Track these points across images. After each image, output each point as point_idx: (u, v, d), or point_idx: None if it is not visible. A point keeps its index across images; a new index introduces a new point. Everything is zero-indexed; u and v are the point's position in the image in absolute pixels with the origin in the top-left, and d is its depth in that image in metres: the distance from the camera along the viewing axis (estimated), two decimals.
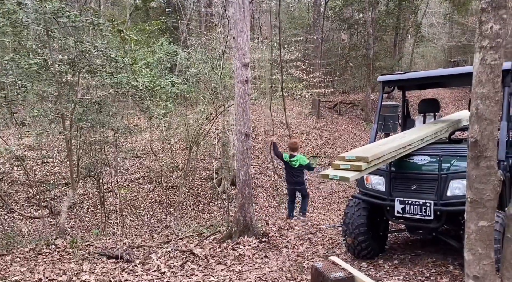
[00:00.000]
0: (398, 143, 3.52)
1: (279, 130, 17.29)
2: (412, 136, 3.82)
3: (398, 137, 3.94)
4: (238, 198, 5.05)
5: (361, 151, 3.35)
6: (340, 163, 3.18)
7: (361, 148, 3.53)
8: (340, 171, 3.11)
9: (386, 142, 3.75)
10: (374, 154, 3.13)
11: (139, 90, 6.21)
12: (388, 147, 3.37)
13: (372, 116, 21.99)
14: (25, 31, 6.47)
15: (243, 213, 4.99)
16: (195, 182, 13.98)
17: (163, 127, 8.92)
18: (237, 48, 4.93)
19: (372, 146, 3.60)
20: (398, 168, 3.79)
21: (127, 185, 14.06)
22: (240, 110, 4.99)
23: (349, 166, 3.08)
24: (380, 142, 3.79)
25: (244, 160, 4.99)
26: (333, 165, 3.24)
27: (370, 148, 3.41)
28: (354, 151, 3.40)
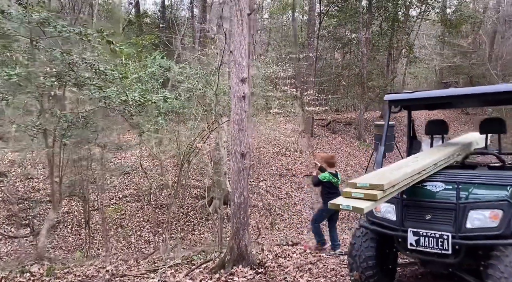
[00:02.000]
0: (412, 169, 3.20)
1: (272, 148, 16.98)
2: (425, 160, 3.51)
3: (410, 161, 3.62)
4: (232, 224, 4.65)
5: (374, 177, 3.02)
6: (352, 191, 2.84)
7: (373, 174, 3.20)
8: (352, 200, 2.77)
9: (398, 167, 3.42)
10: (389, 181, 2.80)
11: (128, 105, 5.87)
12: (403, 173, 3.04)
13: (365, 135, 21.85)
14: (15, 44, 6.13)
15: (237, 240, 4.59)
16: (185, 200, 13.49)
17: (153, 143, 8.54)
18: (234, 62, 4.63)
19: (384, 171, 3.27)
20: (410, 195, 3.45)
21: (115, 203, 13.51)
22: (236, 127, 4.64)
23: (362, 195, 2.74)
24: (392, 167, 3.46)
25: (239, 182, 4.62)
26: (344, 193, 2.89)
27: (382, 174, 3.08)
28: (366, 178, 3.06)
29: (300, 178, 15.03)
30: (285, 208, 13.10)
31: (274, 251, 5.54)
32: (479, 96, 3.87)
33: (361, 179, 2.95)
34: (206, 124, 8.52)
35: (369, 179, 2.95)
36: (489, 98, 4.01)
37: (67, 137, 5.72)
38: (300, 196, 13.99)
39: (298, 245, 6.20)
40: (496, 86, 3.85)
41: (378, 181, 2.80)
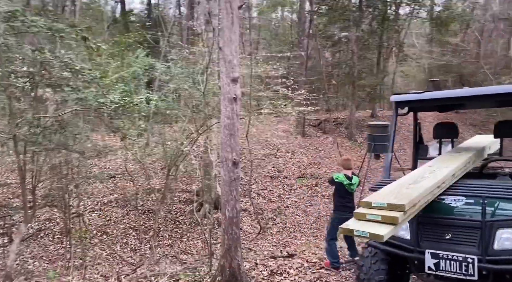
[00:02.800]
0: (433, 182, 2.78)
1: (263, 149, 16.53)
2: (442, 170, 3.09)
3: (425, 172, 3.19)
4: (223, 240, 4.18)
5: (389, 195, 2.59)
6: (366, 212, 2.40)
7: (388, 190, 2.77)
8: (368, 224, 2.33)
9: (413, 179, 2.99)
10: (410, 200, 2.38)
11: (108, 108, 5.36)
12: (423, 189, 2.62)
13: (356, 134, 21.55)
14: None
15: (229, 259, 4.12)
16: (174, 205, 12.96)
17: (137, 148, 8.01)
18: (224, 60, 4.15)
19: (399, 186, 2.84)
20: (425, 211, 3.03)
21: (99, 209, 12.91)
22: (227, 133, 4.17)
23: (379, 217, 2.31)
24: (406, 179, 3.03)
25: (231, 193, 4.15)
26: (357, 214, 2.45)
27: (399, 190, 2.65)
28: (382, 195, 2.62)
29: (292, 180, 14.62)
30: (277, 212, 12.67)
31: (269, 266, 5.08)
32: (494, 96, 3.48)
33: (376, 197, 2.51)
34: (194, 127, 8.01)
35: (385, 197, 2.51)
36: (505, 99, 3.62)
37: (37, 144, 5.17)
38: (293, 199, 13.58)
39: (295, 258, 5.75)
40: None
41: (397, 200, 2.37)
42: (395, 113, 4.05)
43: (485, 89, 3.56)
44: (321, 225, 12.06)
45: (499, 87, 3.47)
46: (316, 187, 14.37)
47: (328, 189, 14.51)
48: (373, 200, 2.46)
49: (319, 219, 12.44)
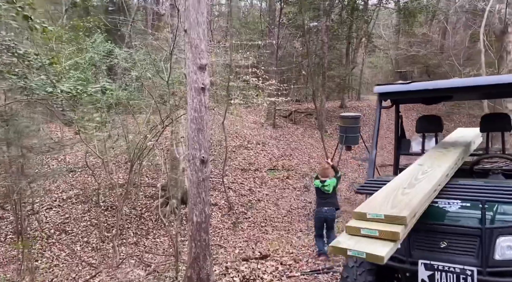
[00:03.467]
0: (429, 185, 2.44)
1: (233, 141, 16.07)
2: (436, 170, 2.77)
3: (417, 172, 2.85)
4: (190, 248, 3.72)
5: (385, 202, 2.22)
6: (361, 226, 2.01)
7: (381, 196, 2.40)
8: (364, 241, 1.95)
9: (407, 181, 2.65)
10: (411, 209, 2.03)
11: (57, 98, 4.72)
12: (422, 194, 2.28)
13: (326, 125, 21.49)
14: None
15: (197, 269, 3.68)
16: (139, 201, 12.30)
17: (95, 142, 7.34)
18: (190, 44, 3.65)
19: (393, 191, 2.48)
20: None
21: (58, 205, 12.05)
22: (194, 127, 3.69)
23: (376, 233, 1.93)
24: (397, 183, 2.67)
25: (199, 196, 3.69)
26: (349, 228, 2.06)
27: (394, 196, 2.30)
28: (376, 203, 2.25)
29: (263, 172, 14.29)
30: (249, 206, 12.31)
31: (241, 272, 4.68)
32: (486, 87, 3.20)
33: (370, 207, 2.14)
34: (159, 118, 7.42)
35: (380, 206, 2.14)
36: (499, 90, 3.35)
37: None
38: (264, 192, 13.26)
39: (268, 259, 5.39)
40: (506, 76, 3.20)
41: (396, 211, 2.00)
42: (378, 106, 3.71)
43: (474, 80, 3.28)
44: (292, 218, 11.82)
45: (492, 78, 3.21)
46: (287, 179, 14.11)
47: (299, 181, 14.31)
48: (367, 210, 2.09)
49: (290, 213, 12.19)
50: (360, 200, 13.02)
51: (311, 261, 5.09)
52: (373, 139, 3.60)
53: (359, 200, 13.04)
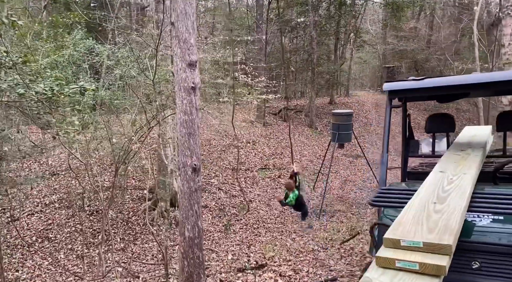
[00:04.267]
0: (463, 200, 2.11)
1: (223, 140, 15.67)
2: (463, 179, 2.44)
3: (441, 180, 2.52)
4: (181, 267, 3.34)
5: (418, 224, 1.87)
6: (395, 257, 1.65)
7: (409, 215, 2.04)
8: (401, 277, 1.59)
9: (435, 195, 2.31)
10: (454, 234, 1.68)
11: (31, 100, 4.26)
12: (459, 212, 1.94)
13: (316, 122, 21.24)
14: None
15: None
16: (125, 204, 11.82)
17: (76, 146, 6.86)
18: (177, 38, 3.24)
19: (422, 206, 2.13)
20: None
21: (40, 211, 11.49)
22: (185, 132, 3.30)
23: (416, 266, 1.58)
24: (425, 195, 2.32)
25: (191, 208, 3.31)
26: (381, 260, 1.70)
27: (427, 215, 1.95)
28: (408, 227, 1.89)
29: (254, 172, 13.93)
30: (240, 207, 11.94)
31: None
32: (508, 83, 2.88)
33: (402, 231, 1.78)
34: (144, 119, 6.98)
35: (414, 230, 1.79)
36: None
37: None
38: (256, 192, 12.91)
39: (265, 270, 5.03)
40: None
41: (438, 237, 1.66)
42: (388, 105, 3.36)
43: (497, 75, 2.98)
44: (285, 219, 11.50)
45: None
46: (279, 178, 13.78)
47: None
48: (401, 236, 1.74)
49: (283, 213, 11.86)
50: (353, 198, 12.79)
51: (312, 271, 4.76)
52: (384, 142, 3.25)
53: (351, 198, 12.80)
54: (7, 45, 4.37)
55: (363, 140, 18.83)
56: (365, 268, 2.95)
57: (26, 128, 12.47)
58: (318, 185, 13.66)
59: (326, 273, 4.66)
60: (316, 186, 13.61)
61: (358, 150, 17.49)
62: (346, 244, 6.46)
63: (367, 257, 5.24)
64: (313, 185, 13.61)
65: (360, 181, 14.27)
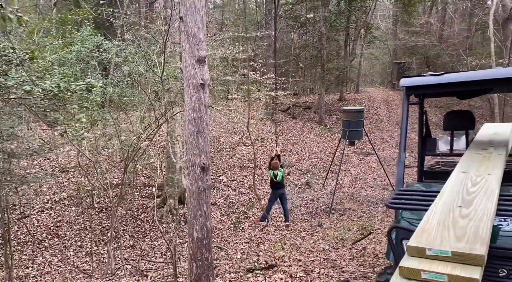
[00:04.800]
0: (491, 203, 1.97)
1: (232, 137, 15.58)
2: (489, 180, 2.30)
3: (464, 181, 2.38)
4: (190, 268, 3.25)
5: (445, 231, 1.74)
6: (421, 268, 1.53)
7: (434, 220, 1.92)
8: None
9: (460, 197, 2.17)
10: (485, 242, 1.55)
11: (37, 98, 4.19)
12: (488, 218, 1.80)
13: (326, 119, 21.03)
14: None
15: None
16: (134, 201, 11.81)
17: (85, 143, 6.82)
18: (186, 33, 3.13)
19: (446, 210, 2.00)
20: None
21: (50, 208, 11.53)
22: (193, 130, 3.19)
23: (445, 278, 1.45)
24: (448, 197, 2.19)
25: (200, 208, 3.21)
26: (405, 270, 1.57)
27: (453, 220, 1.82)
28: (433, 233, 1.77)
29: (263, 169, 13.81)
30: (249, 205, 11.85)
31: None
32: None
33: (427, 239, 1.65)
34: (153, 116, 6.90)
35: (441, 237, 1.66)
36: None
37: None
38: (265, 190, 12.80)
39: (276, 271, 4.92)
40: None
41: (468, 247, 1.52)
42: (405, 102, 3.21)
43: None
44: (294, 217, 11.37)
45: None
46: (288, 176, 13.65)
47: (300, 178, 13.86)
48: (426, 244, 1.61)
49: (292, 211, 11.74)
50: (363, 197, 12.61)
51: (323, 272, 4.64)
52: (401, 141, 3.10)
53: (362, 196, 12.62)
54: (13, 42, 4.30)
55: (374, 137, 18.60)
56: (380, 273, 2.83)
57: (35, 125, 12.53)
58: (328, 183, 13.51)
59: (338, 275, 4.54)
60: (326, 184, 13.46)
61: (368, 148, 17.28)
62: (358, 244, 6.32)
63: (380, 258, 5.11)
64: (322, 183, 13.46)
65: (371, 179, 14.08)
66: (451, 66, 25.12)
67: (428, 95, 3.67)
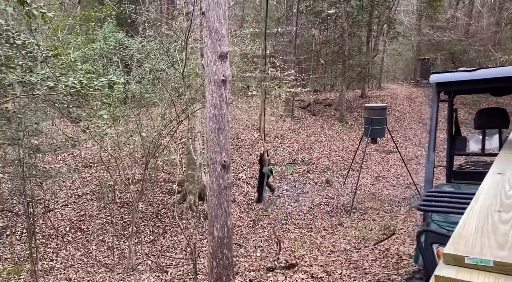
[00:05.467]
0: None
1: (251, 134, 15.53)
2: None
3: (501, 184, 2.24)
4: (210, 267, 3.20)
5: (484, 237, 1.63)
6: (459, 278, 1.42)
7: (471, 226, 1.81)
8: None
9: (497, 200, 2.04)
10: None
11: (61, 94, 4.23)
12: None
13: (347, 116, 20.72)
14: None
15: None
16: (155, 197, 11.93)
17: (107, 139, 6.89)
18: (208, 29, 3.07)
19: (484, 216, 1.88)
20: None
21: (73, 202, 11.78)
22: (214, 127, 3.13)
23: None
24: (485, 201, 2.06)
25: (220, 206, 3.15)
26: (440, 280, 1.47)
27: (492, 227, 1.70)
28: (471, 240, 1.66)
29: (282, 167, 13.72)
30: (268, 202, 11.78)
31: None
32: None
33: (465, 246, 1.54)
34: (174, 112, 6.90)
35: (481, 245, 1.54)
36: None
37: None
38: (284, 187, 12.70)
39: (296, 270, 4.84)
40: None
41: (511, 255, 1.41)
42: (436, 98, 3.06)
43: None
44: (315, 215, 11.25)
45: None
46: (308, 174, 13.52)
47: (320, 176, 13.70)
48: (465, 252, 1.50)
49: (312, 209, 11.61)
50: (386, 195, 12.35)
51: (345, 273, 4.53)
52: (430, 139, 2.96)
53: (384, 195, 12.36)
54: (38, 39, 4.35)
55: (396, 135, 18.21)
56: (409, 277, 2.71)
57: (59, 121, 12.80)
58: (349, 181, 13.30)
59: (360, 276, 4.42)
60: (347, 182, 13.26)
61: (391, 146, 16.92)
62: (381, 245, 6.17)
63: (404, 259, 4.95)
64: (343, 181, 13.26)
65: (393, 178, 13.78)
66: (478, 62, 24.31)
67: (460, 92, 3.50)
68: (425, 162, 2.94)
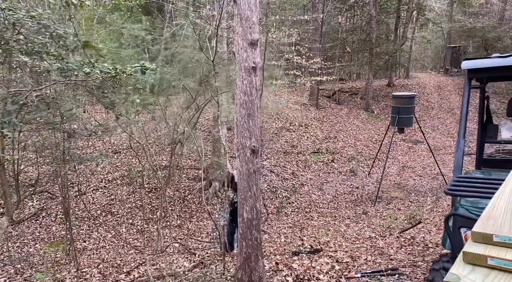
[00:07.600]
0: None
1: (275, 122, 15.58)
2: None
3: None
4: (240, 248, 3.33)
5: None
6: (487, 254, 1.46)
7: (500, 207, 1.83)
8: (494, 276, 1.41)
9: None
10: None
11: (96, 79, 4.41)
12: None
13: (373, 105, 20.40)
14: None
15: (248, 271, 3.29)
16: (182, 183, 12.24)
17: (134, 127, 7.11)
18: (239, 16, 3.14)
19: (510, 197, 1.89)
20: None
21: (104, 187, 12.24)
22: (245, 113, 3.23)
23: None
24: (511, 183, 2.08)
25: (250, 189, 3.27)
26: (469, 256, 1.51)
27: None
28: (500, 219, 1.69)
29: (306, 156, 13.74)
30: (292, 190, 11.88)
31: (294, 270, 4.26)
32: None
33: (494, 225, 1.58)
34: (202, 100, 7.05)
35: (510, 224, 1.58)
36: None
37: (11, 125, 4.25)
38: (308, 176, 12.75)
39: (321, 255, 4.92)
40: None
41: None
42: (467, 85, 3.04)
43: None
44: (339, 204, 11.28)
45: None
46: (332, 163, 13.49)
47: (344, 165, 13.65)
48: (493, 231, 1.54)
49: (336, 198, 11.64)
50: (412, 185, 12.20)
51: (370, 259, 4.58)
52: (461, 127, 2.95)
53: (410, 185, 12.22)
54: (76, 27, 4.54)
55: (424, 125, 17.83)
56: (435, 260, 2.75)
57: (90, 108, 13.24)
58: (374, 171, 13.20)
59: (386, 262, 4.46)
60: (372, 172, 13.17)
61: (418, 135, 16.62)
62: (406, 233, 6.16)
63: (430, 247, 4.95)
64: (368, 171, 13.18)
65: (419, 168, 13.58)
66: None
67: (492, 79, 3.44)
68: (455, 149, 2.93)
